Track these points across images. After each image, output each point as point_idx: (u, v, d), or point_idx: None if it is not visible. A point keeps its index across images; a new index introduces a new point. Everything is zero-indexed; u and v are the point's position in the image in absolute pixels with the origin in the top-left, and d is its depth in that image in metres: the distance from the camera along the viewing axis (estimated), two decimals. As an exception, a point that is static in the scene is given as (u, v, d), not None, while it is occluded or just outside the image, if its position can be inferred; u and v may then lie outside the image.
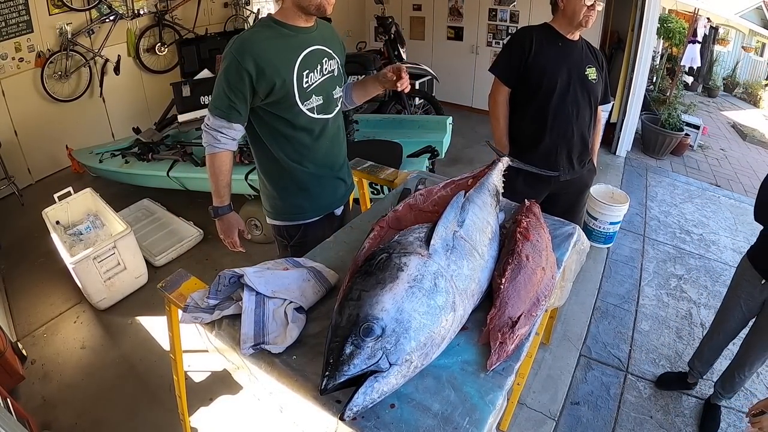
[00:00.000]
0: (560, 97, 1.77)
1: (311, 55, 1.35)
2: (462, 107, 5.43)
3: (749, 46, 8.65)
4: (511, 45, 1.86)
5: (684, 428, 1.93)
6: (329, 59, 1.42)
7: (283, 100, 1.33)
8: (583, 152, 1.92)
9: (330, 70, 1.43)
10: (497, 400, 0.85)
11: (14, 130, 3.58)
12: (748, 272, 1.68)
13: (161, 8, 4.29)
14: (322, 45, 1.40)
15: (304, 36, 1.35)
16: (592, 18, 1.71)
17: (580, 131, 1.85)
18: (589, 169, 2.01)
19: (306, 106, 1.37)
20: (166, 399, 1.94)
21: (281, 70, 1.30)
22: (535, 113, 1.83)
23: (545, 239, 1.18)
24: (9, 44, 3.39)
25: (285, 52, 1.31)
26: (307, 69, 1.35)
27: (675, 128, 4.52)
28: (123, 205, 3.19)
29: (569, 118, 1.81)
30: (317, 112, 1.40)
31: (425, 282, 0.88)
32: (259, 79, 1.27)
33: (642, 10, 3.89)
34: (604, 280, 2.79)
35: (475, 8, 4.91)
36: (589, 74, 1.79)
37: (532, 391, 2.01)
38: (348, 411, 0.75)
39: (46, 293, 2.63)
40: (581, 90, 1.79)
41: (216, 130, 1.33)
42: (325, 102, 1.42)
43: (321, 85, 1.40)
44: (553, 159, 1.86)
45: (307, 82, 1.36)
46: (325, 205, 1.56)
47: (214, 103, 1.32)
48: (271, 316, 0.98)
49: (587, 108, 1.84)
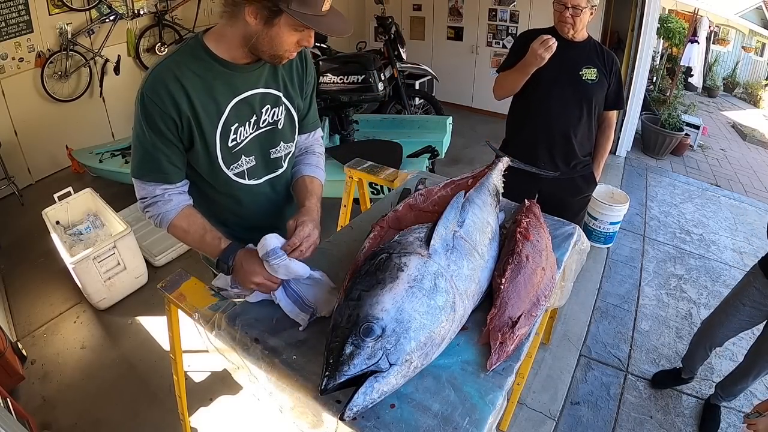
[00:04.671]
0: (545, 93, 1.78)
1: (243, 103, 1.03)
2: (462, 107, 5.43)
3: (749, 46, 8.66)
4: (514, 45, 1.88)
5: (684, 428, 1.93)
6: (273, 106, 1.08)
7: (200, 161, 1.04)
8: (568, 152, 1.88)
9: (272, 121, 1.09)
10: (497, 400, 0.85)
11: (14, 130, 3.58)
12: (759, 280, 1.62)
13: (161, 8, 4.29)
14: (269, 87, 1.06)
15: (242, 76, 1.01)
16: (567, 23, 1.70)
17: (563, 129, 1.83)
18: (583, 176, 1.96)
19: (232, 171, 1.08)
20: (166, 399, 1.94)
21: (204, 125, 0.99)
22: (519, 105, 1.89)
23: (545, 239, 1.18)
24: (9, 44, 3.39)
25: (212, 100, 0.98)
26: (237, 122, 1.03)
27: (675, 128, 4.52)
28: (123, 205, 3.18)
29: (552, 114, 1.81)
30: (248, 176, 1.10)
31: (425, 282, 0.88)
32: (180, 128, 0.98)
33: (642, 10, 3.89)
34: (604, 280, 2.79)
35: (475, 8, 4.91)
36: (585, 74, 1.77)
37: (532, 391, 2.01)
38: (348, 411, 0.75)
39: (46, 293, 2.63)
40: (571, 89, 1.77)
41: (155, 199, 1.02)
42: (258, 164, 1.12)
43: (252, 143, 1.08)
44: (533, 152, 1.86)
45: (234, 139, 1.04)
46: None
47: (144, 167, 1.00)
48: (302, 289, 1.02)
49: (575, 107, 1.80)
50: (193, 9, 4.55)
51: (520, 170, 1.57)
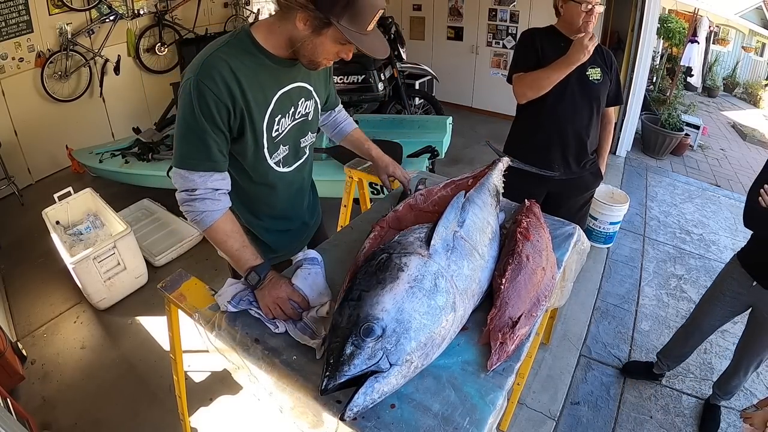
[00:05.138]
0: (557, 96, 1.77)
1: (285, 96, 1.08)
2: (462, 107, 5.44)
3: (749, 46, 8.66)
4: (522, 44, 1.84)
5: (684, 428, 1.93)
6: (306, 99, 1.15)
7: (247, 152, 1.08)
8: (580, 152, 1.91)
9: (304, 113, 1.16)
10: (497, 400, 0.85)
11: (14, 130, 3.58)
12: (736, 272, 1.68)
13: (161, 8, 4.30)
14: (304, 81, 1.12)
15: (285, 70, 1.06)
16: (592, 22, 1.70)
17: (577, 130, 1.85)
18: (592, 172, 1.99)
19: (273, 160, 1.13)
20: (166, 399, 1.94)
21: (255, 115, 1.03)
22: (531, 110, 1.84)
23: (545, 239, 1.18)
24: (9, 44, 3.39)
25: (262, 91, 1.03)
26: (280, 113, 1.09)
27: (675, 128, 4.52)
28: (123, 205, 3.19)
29: (565, 116, 1.81)
30: (282, 164, 1.17)
31: (425, 282, 0.88)
32: (231, 118, 1.00)
33: (642, 10, 3.89)
34: (604, 280, 2.79)
35: (475, 8, 4.91)
36: (591, 74, 1.79)
37: (532, 391, 2.01)
38: (348, 411, 0.75)
39: (46, 293, 2.63)
40: (580, 90, 1.78)
41: (202, 193, 1.00)
42: (290, 152, 1.18)
43: (290, 133, 1.14)
44: (547, 156, 1.86)
45: (277, 130, 1.10)
46: (282, 255, 1.33)
47: (194, 156, 0.99)
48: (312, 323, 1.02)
49: (586, 108, 1.83)
50: (193, 9, 4.56)
51: (528, 172, 1.57)
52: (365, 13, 0.91)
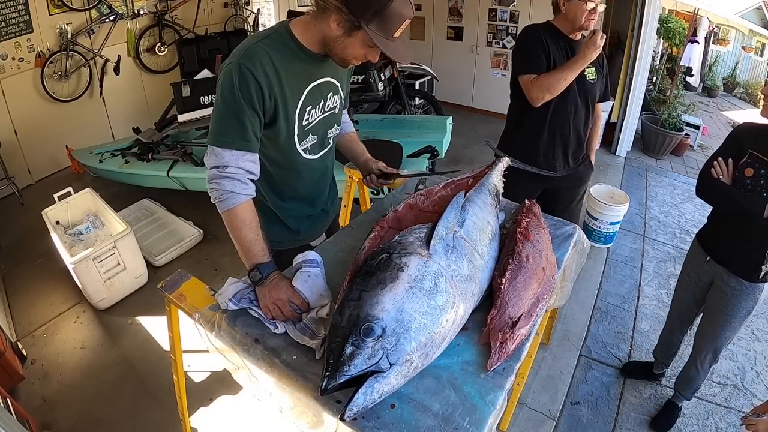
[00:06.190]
0: (560, 96, 1.77)
1: (316, 89, 1.17)
2: (462, 107, 5.44)
3: (749, 46, 8.65)
4: (530, 43, 1.78)
5: (684, 428, 1.93)
6: (334, 94, 1.24)
7: (279, 138, 1.15)
8: (578, 149, 1.95)
9: (332, 107, 1.25)
10: (497, 400, 0.85)
11: (14, 130, 3.58)
12: (696, 250, 1.71)
13: (161, 8, 4.29)
14: (332, 76, 1.20)
15: (318, 65, 1.14)
16: (594, 21, 1.71)
17: (577, 129, 1.88)
18: (585, 165, 2.03)
19: (302, 146, 1.21)
20: (166, 399, 1.93)
21: (288, 103, 1.10)
22: (535, 111, 1.82)
23: (545, 239, 1.18)
24: (9, 44, 3.39)
25: (296, 82, 1.11)
26: (311, 105, 1.17)
27: (675, 128, 4.52)
28: (123, 205, 3.19)
29: (567, 116, 1.83)
30: (310, 152, 1.25)
31: (425, 282, 0.88)
32: (267, 102, 1.06)
33: (642, 11, 3.89)
34: (604, 280, 2.79)
35: (475, 8, 4.91)
36: (588, 74, 1.80)
37: (532, 391, 2.01)
38: (348, 411, 0.75)
39: (46, 293, 2.63)
40: (579, 89, 1.80)
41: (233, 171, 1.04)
42: (318, 141, 1.26)
43: (318, 124, 1.23)
44: (551, 156, 1.89)
45: (307, 119, 1.18)
46: (302, 238, 1.40)
47: (229, 133, 1.04)
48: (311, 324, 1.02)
49: (584, 107, 1.85)
50: (193, 9, 4.55)
51: (525, 170, 1.57)
52: (393, 21, 0.98)
